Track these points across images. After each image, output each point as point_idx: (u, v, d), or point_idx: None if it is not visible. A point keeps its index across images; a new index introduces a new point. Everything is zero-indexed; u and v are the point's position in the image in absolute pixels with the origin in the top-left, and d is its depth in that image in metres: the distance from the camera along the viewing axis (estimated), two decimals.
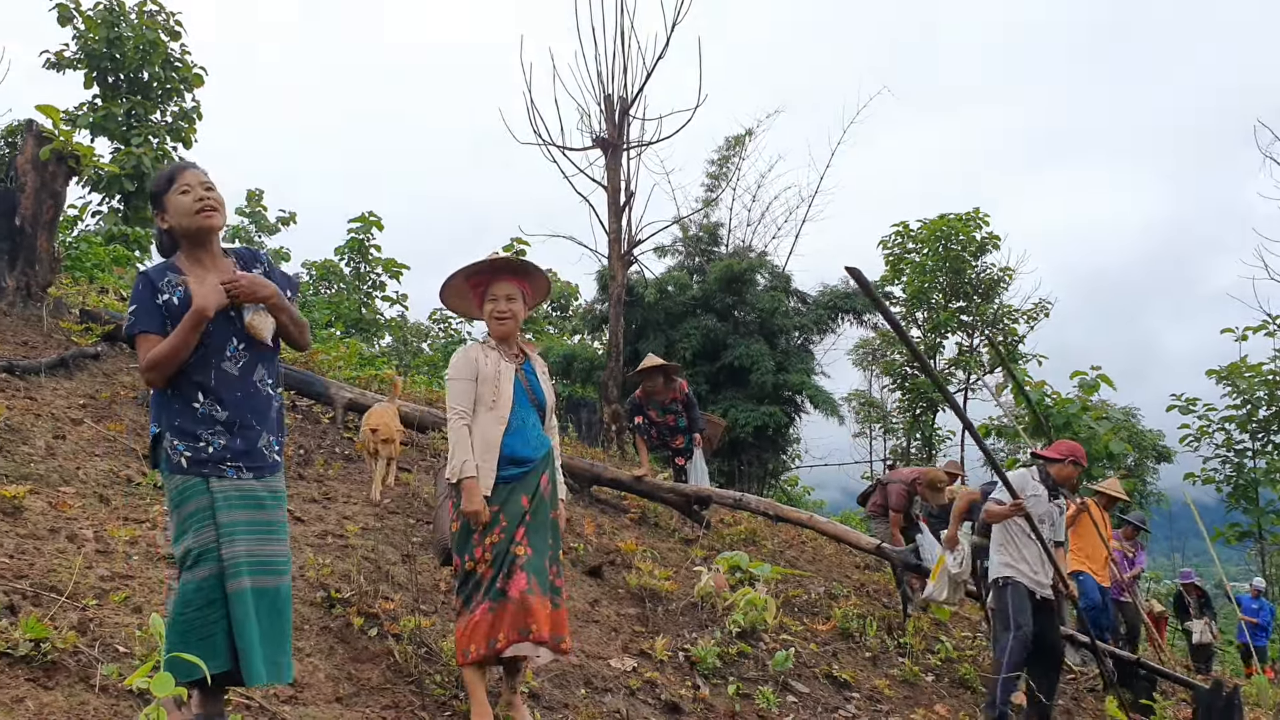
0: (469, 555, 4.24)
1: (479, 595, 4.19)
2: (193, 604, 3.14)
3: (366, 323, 21.41)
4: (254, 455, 3.34)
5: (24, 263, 8.54)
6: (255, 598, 3.23)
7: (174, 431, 3.23)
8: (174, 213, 3.34)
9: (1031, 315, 19.41)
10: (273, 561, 3.33)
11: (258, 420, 3.37)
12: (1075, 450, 6.69)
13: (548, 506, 4.42)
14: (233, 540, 3.21)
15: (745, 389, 18.23)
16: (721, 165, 22.27)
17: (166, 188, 3.36)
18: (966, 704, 6.75)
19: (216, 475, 3.25)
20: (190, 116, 17.61)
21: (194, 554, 3.18)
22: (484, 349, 4.51)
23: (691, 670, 5.82)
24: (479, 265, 4.57)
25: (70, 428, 6.30)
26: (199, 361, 3.26)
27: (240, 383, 3.33)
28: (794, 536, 10.96)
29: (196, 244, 3.39)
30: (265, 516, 3.34)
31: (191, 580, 3.17)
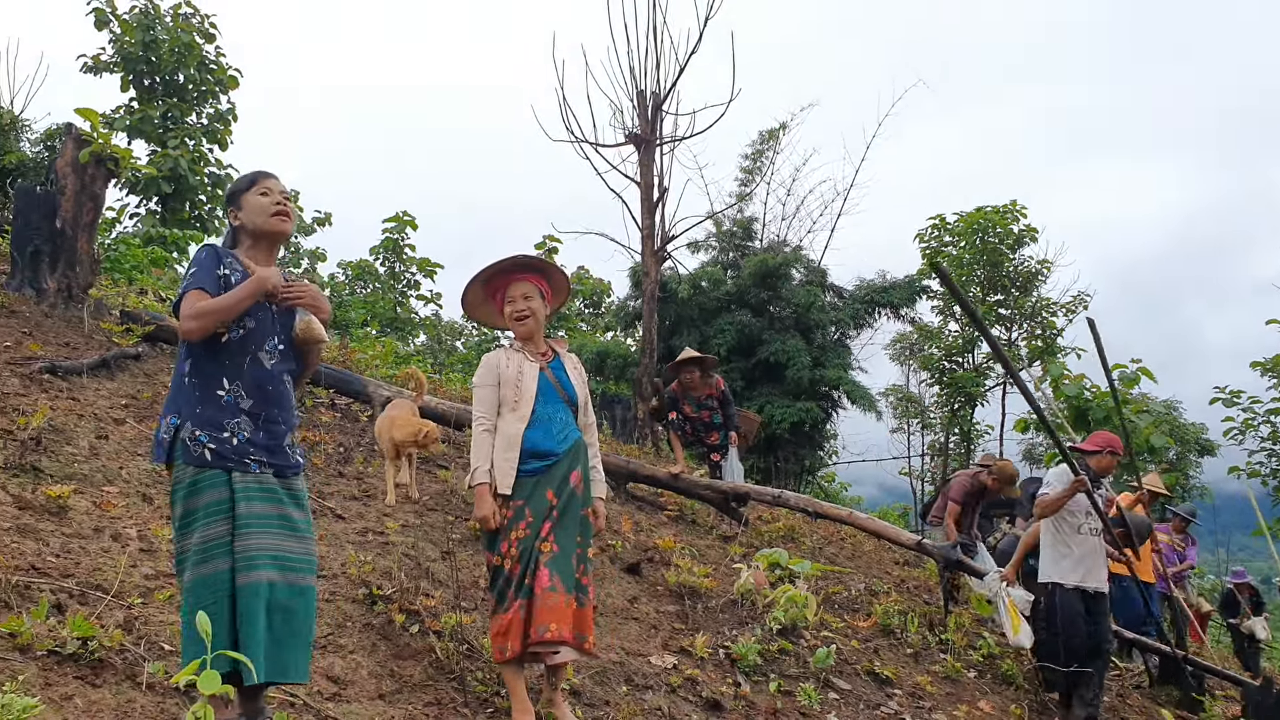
0: (496, 552, 4.25)
1: (511, 592, 4.18)
2: (200, 600, 3.10)
3: (401, 321, 21.52)
4: (277, 452, 3.35)
5: (65, 265, 8.63)
6: (268, 592, 3.20)
7: (196, 421, 3.23)
8: (249, 210, 3.46)
9: (1070, 308, 19.19)
10: (291, 559, 3.30)
11: (283, 418, 3.39)
12: (1111, 441, 6.67)
13: (579, 503, 4.39)
14: (247, 533, 3.19)
15: (781, 385, 18.14)
16: (755, 159, 22.18)
17: (247, 187, 3.50)
18: (1010, 700, 6.67)
19: (240, 469, 3.24)
20: (226, 118, 17.77)
21: (204, 548, 3.15)
22: (507, 352, 4.53)
23: (732, 667, 5.78)
24: (491, 269, 4.57)
25: (113, 428, 6.35)
26: (237, 347, 3.28)
27: (271, 378, 3.37)
28: (833, 533, 10.89)
29: (261, 245, 3.50)
30: (285, 513, 3.32)
31: (200, 575, 3.14)
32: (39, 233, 8.51)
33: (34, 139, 15.02)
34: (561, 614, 4.13)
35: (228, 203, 3.55)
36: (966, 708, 6.24)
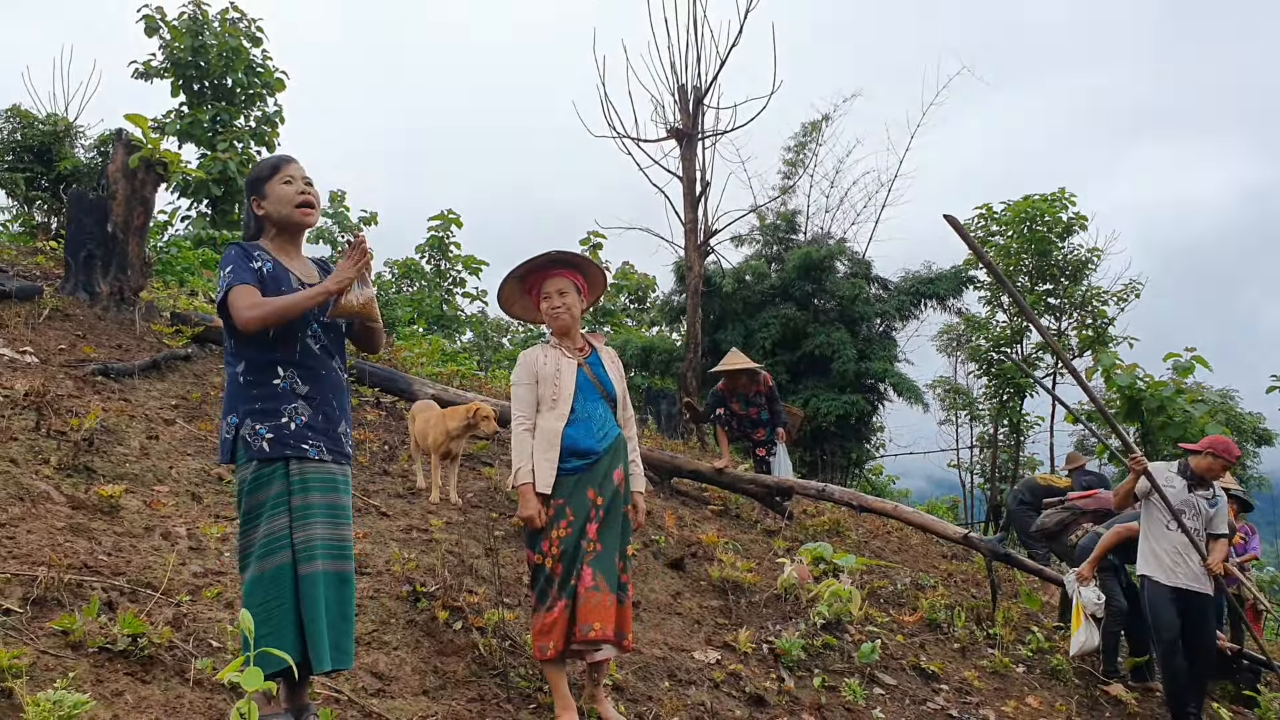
0: (538, 551, 4.26)
1: (554, 591, 4.19)
2: (267, 594, 3.17)
3: (447, 319, 21.67)
4: (333, 437, 3.40)
5: (116, 268, 8.80)
6: (327, 581, 3.27)
7: (254, 415, 3.27)
8: (273, 200, 3.44)
9: (1121, 296, 18.87)
10: (344, 546, 3.37)
11: (337, 402, 3.44)
12: (1215, 443, 6.58)
13: (621, 501, 4.40)
14: (308, 524, 3.25)
15: (826, 378, 18.04)
16: (798, 152, 22.05)
17: (270, 175, 3.46)
18: (1060, 695, 6.60)
19: (297, 456, 3.28)
20: (273, 120, 17.98)
21: (267, 542, 3.21)
22: (544, 349, 4.53)
23: (776, 663, 5.77)
24: (527, 266, 4.56)
25: (163, 428, 6.47)
26: (284, 335, 3.33)
27: (321, 361, 3.41)
28: (879, 527, 10.82)
29: (286, 235, 3.50)
30: (340, 501, 3.38)
31: (265, 569, 3.20)
32: (91, 237, 8.68)
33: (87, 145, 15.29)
34: (605, 613, 4.17)
35: (249, 191, 3.50)
36: (1014, 703, 6.18)
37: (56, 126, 14.57)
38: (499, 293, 4.68)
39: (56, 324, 8.00)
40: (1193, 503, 6.58)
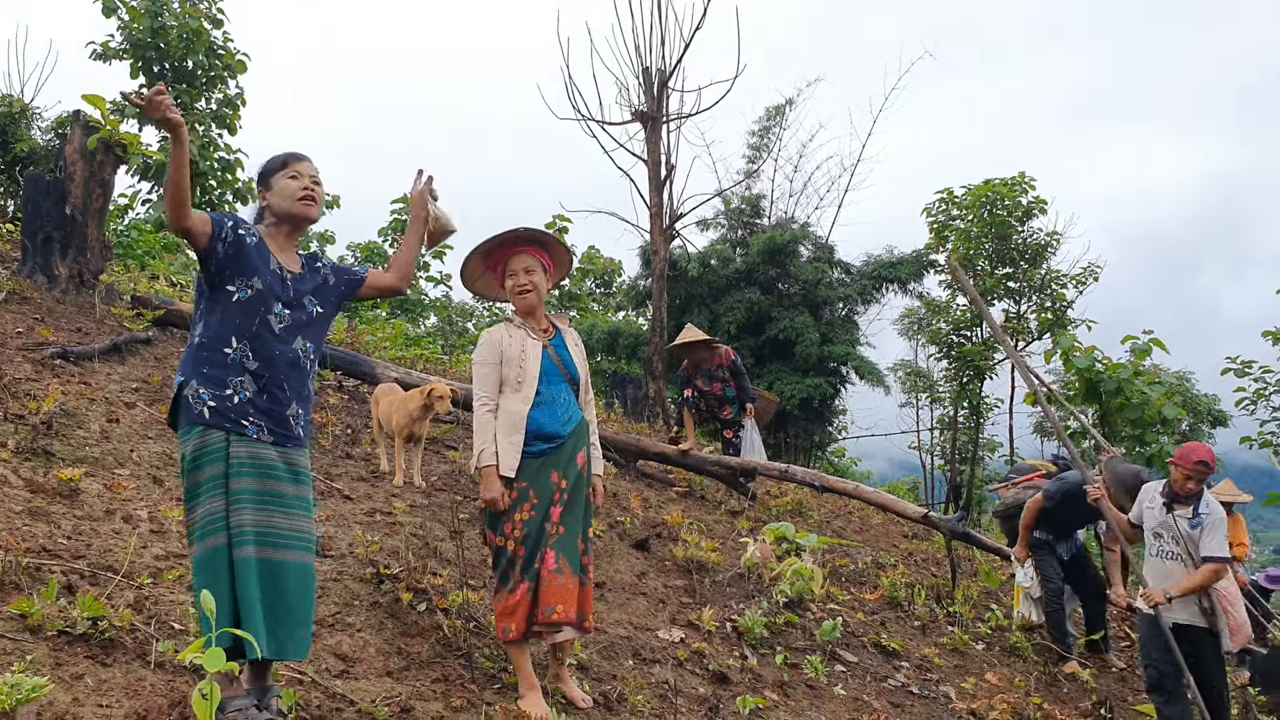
0: (500, 533, 4.26)
1: (516, 573, 4.20)
2: (206, 576, 3.18)
3: (411, 303, 21.55)
4: (278, 420, 3.39)
5: (75, 251, 8.69)
6: (257, 568, 3.25)
7: (200, 379, 3.30)
8: (277, 193, 3.55)
9: (1080, 280, 19.08)
10: (280, 535, 3.33)
11: (290, 385, 3.44)
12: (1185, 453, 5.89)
13: (584, 484, 4.42)
14: (240, 509, 3.25)
15: (790, 361, 18.16)
16: (762, 136, 22.12)
17: (279, 169, 3.57)
18: (1018, 672, 6.71)
19: (236, 431, 3.28)
20: (234, 103, 17.72)
21: (206, 523, 3.22)
22: (508, 329, 4.49)
23: (739, 640, 5.84)
24: (492, 241, 4.52)
25: (124, 411, 6.42)
26: (246, 306, 3.36)
27: (278, 342, 3.42)
28: (840, 507, 10.93)
29: (284, 227, 3.59)
30: (277, 488, 3.35)
31: (204, 549, 3.21)
32: (49, 220, 8.57)
33: (44, 127, 15.02)
34: (569, 595, 4.20)
35: (258, 182, 3.63)
36: (973, 680, 6.28)
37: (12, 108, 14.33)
38: (462, 268, 4.64)
39: (14, 307, 7.90)
40: (1170, 524, 5.87)
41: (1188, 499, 5.83)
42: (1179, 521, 5.85)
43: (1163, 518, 5.92)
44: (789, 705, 5.22)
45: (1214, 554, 5.74)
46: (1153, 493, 6.06)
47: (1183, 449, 5.93)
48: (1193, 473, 5.75)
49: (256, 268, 3.40)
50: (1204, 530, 5.75)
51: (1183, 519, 5.84)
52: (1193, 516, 5.82)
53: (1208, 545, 5.75)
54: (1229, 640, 5.82)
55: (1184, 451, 5.90)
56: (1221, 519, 5.82)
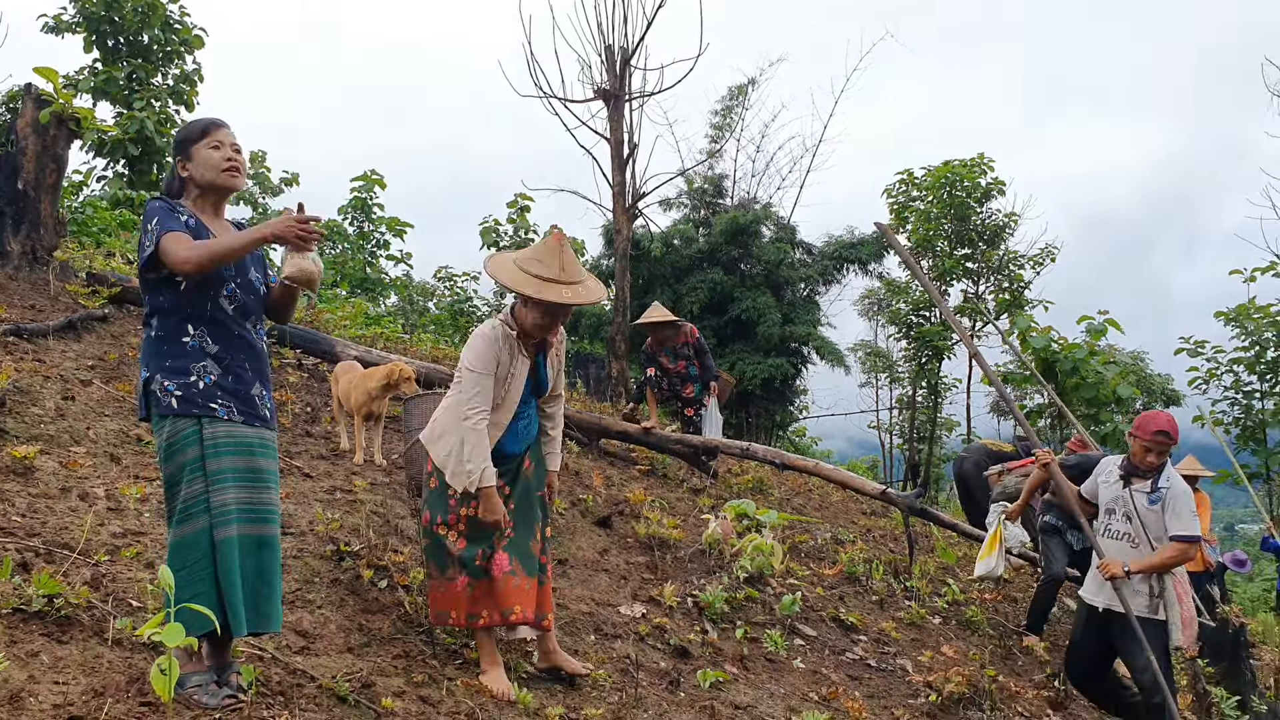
0: (440, 517, 4.26)
1: (454, 566, 4.24)
2: (187, 558, 3.19)
3: (372, 282, 21.39)
4: (244, 399, 3.38)
5: (29, 226, 8.54)
6: (241, 545, 3.28)
7: (164, 372, 3.27)
8: (200, 164, 3.42)
9: (1038, 260, 19.31)
10: (263, 510, 3.37)
11: (251, 365, 3.43)
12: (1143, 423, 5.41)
13: (533, 487, 4.46)
14: (222, 488, 3.25)
15: (752, 341, 18.25)
16: (725, 116, 22.12)
17: (199, 138, 3.43)
18: (974, 645, 6.82)
19: (207, 415, 3.27)
20: (191, 79, 17.48)
21: (185, 507, 3.23)
22: (505, 337, 4.22)
23: (700, 615, 5.89)
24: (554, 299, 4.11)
25: (79, 389, 6.34)
26: (197, 292, 3.31)
27: (234, 323, 3.39)
28: (800, 484, 11.02)
29: (209, 198, 3.48)
30: (255, 464, 3.37)
31: (184, 534, 3.22)
32: (1, 195, 8.41)
33: None
34: (526, 596, 4.26)
35: (176, 151, 3.47)
36: (930, 653, 6.37)
37: None
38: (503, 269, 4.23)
39: None
40: (1124, 499, 5.40)
41: (1147, 472, 5.35)
42: (1136, 497, 5.35)
43: (1119, 492, 5.45)
44: (749, 678, 5.27)
45: (1184, 532, 5.21)
46: (1110, 466, 5.62)
47: (1141, 418, 5.43)
48: (1152, 444, 5.26)
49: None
50: (1166, 507, 5.27)
51: (1140, 494, 5.35)
52: (1151, 491, 5.33)
53: (1176, 522, 5.24)
54: (1179, 634, 5.29)
55: (1142, 421, 5.39)
56: (1185, 494, 5.30)
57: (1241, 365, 16.79)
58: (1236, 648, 7.69)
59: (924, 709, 5.55)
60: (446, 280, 25.31)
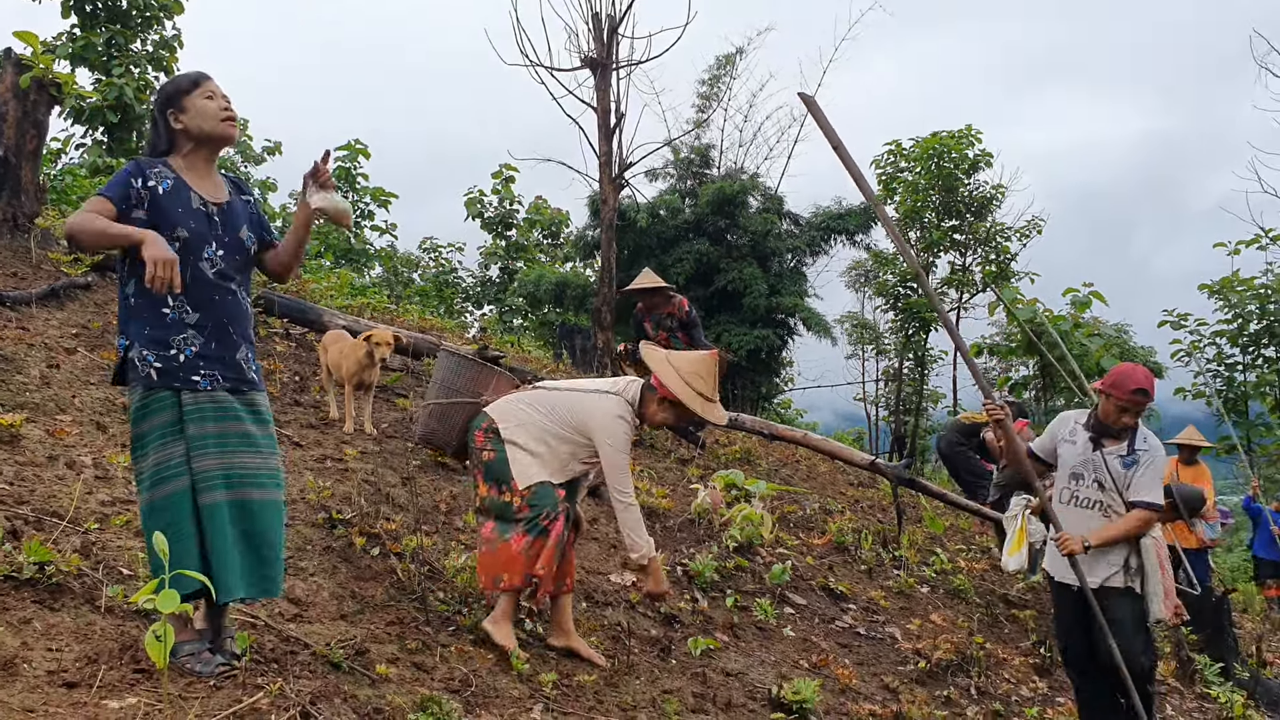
0: (506, 485, 4.36)
1: (516, 528, 4.30)
2: (160, 522, 3.12)
3: (356, 253, 21.27)
4: (230, 365, 3.32)
5: (9, 193, 8.42)
6: (230, 510, 3.23)
7: (143, 341, 3.21)
8: (196, 114, 3.34)
9: (1024, 233, 19.32)
10: (252, 475, 3.31)
11: (235, 329, 3.35)
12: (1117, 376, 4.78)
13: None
14: (204, 453, 3.20)
15: (738, 313, 18.21)
16: (712, 85, 21.97)
17: (191, 88, 3.36)
18: (961, 613, 6.87)
19: (188, 387, 3.22)
20: (171, 45, 17.24)
21: (156, 471, 3.18)
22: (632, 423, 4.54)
23: (690, 584, 5.90)
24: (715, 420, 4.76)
25: (64, 357, 6.28)
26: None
27: (215, 287, 3.31)
28: (789, 455, 11.04)
29: (203, 151, 3.40)
30: (241, 429, 3.31)
31: (156, 498, 3.17)
32: None
33: None
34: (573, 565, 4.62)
35: (166, 104, 3.37)
36: (919, 621, 6.42)
37: None
38: (671, 386, 4.49)
39: None
40: (1095, 464, 4.81)
41: (1120, 433, 4.78)
42: (1109, 460, 4.76)
43: (1087, 455, 4.84)
44: (739, 646, 5.30)
45: (1146, 498, 4.68)
46: (1071, 423, 4.98)
47: (1115, 373, 4.79)
48: (1129, 403, 4.67)
49: (177, 216, 3.24)
50: (1139, 469, 4.71)
51: (1114, 456, 4.76)
52: (1127, 454, 4.75)
53: (1140, 487, 4.69)
54: (1159, 606, 4.76)
55: (1117, 377, 4.75)
56: (1162, 459, 4.80)
57: (1224, 338, 16.91)
58: (1219, 616, 7.78)
59: (912, 675, 5.59)
60: (432, 251, 25.21)
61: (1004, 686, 5.85)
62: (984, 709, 5.44)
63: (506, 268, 23.64)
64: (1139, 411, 4.75)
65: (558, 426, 4.46)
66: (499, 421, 4.47)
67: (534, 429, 4.45)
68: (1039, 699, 5.80)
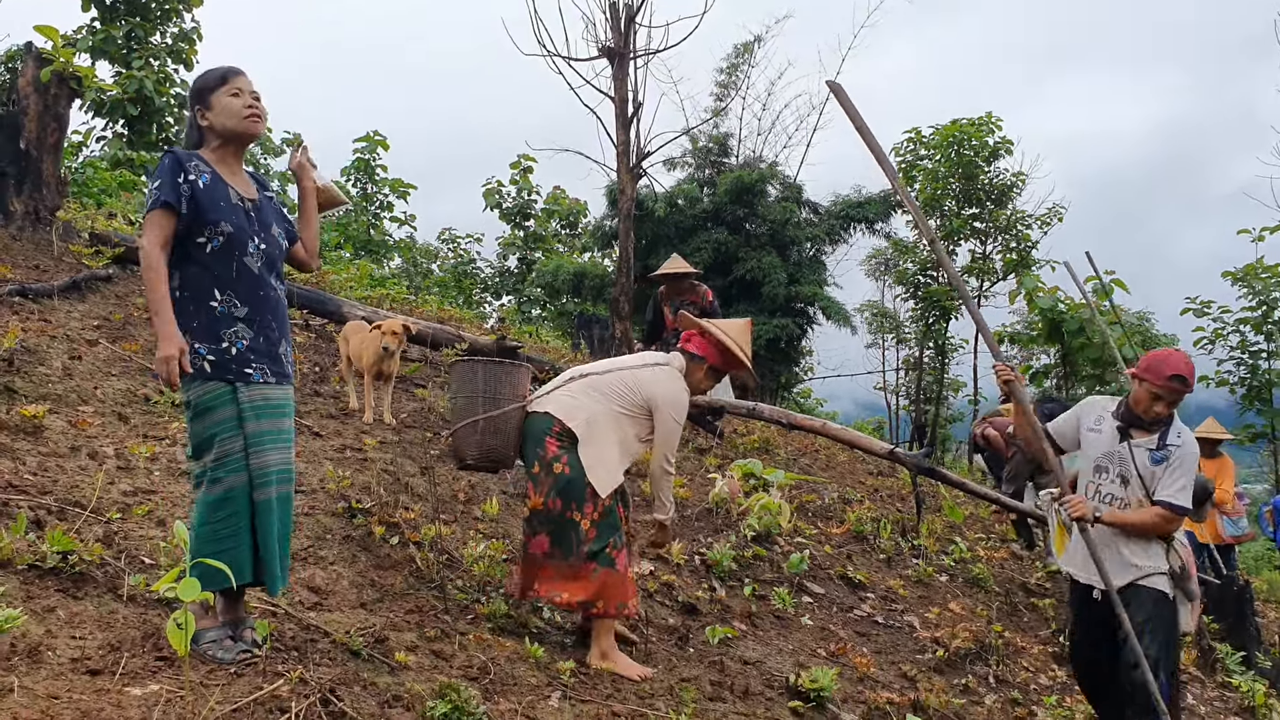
0: (581, 507, 4.26)
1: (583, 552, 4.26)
2: (219, 515, 3.21)
3: (375, 244, 21.33)
4: (274, 359, 3.40)
5: (31, 186, 8.50)
6: (278, 505, 3.34)
7: (194, 334, 3.26)
8: (220, 112, 3.39)
9: (1045, 220, 19.20)
10: (289, 470, 3.42)
11: (276, 323, 3.42)
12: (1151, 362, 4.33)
13: None
14: (262, 450, 3.28)
15: (757, 302, 18.17)
16: (730, 74, 21.92)
17: (218, 85, 3.41)
18: (980, 602, 6.85)
19: (242, 380, 3.28)
20: (190, 37, 17.34)
21: (218, 466, 3.24)
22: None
23: (708, 573, 5.91)
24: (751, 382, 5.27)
25: (86, 349, 6.33)
26: (222, 254, 3.29)
27: (260, 281, 3.38)
28: (807, 445, 11.02)
29: (230, 147, 3.45)
30: (287, 425, 3.43)
31: (217, 491, 3.23)
32: (3, 155, 8.34)
33: None
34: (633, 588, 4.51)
35: (194, 100, 3.45)
36: (937, 609, 6.40)
37: None
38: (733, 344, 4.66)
39: None
40: (1122, 455, 4.39)
41: (1152, 425, 4.35)
42: (1136, 453, 4.35)
43: (1113, 446, 4.44)
44: (757, 635, 5.30)
45: (1174, 501, 4.27)
46: (1099, 410, 4.57)
47: (1150, 358, 4.34)
48: (1164, 391, 4.26)
49: (220, 211, 3.29)
50: (1169, 467, 4.29)
51: (1143, 449, 4.35)
52: (1158, 448, 4.33)
53: (1168, 487, 4.28)
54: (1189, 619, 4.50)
55: (1152, 362, 4.31)
56: (1193, 457, 4.34)
57: (1248, 325, 16.72)
58: (1241, 605, 7.74)
59: (931, 664, 5.58)
60: (450, 242, 25.26)
61: (1022, 675, 5.84)
62: (1002, 697, 5.42)
63: (525, 258, 23.67)
64: (1174, 401, 4.31)
65: (622, 407, 4.40)
66: (568, 420, 4.32)
67: (604, 418, 4.36)
68: (1057, 687, 5.78)
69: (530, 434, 4.38)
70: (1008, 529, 9.06)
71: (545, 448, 4.30)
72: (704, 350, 4.62)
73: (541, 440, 4.31)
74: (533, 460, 4.33)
